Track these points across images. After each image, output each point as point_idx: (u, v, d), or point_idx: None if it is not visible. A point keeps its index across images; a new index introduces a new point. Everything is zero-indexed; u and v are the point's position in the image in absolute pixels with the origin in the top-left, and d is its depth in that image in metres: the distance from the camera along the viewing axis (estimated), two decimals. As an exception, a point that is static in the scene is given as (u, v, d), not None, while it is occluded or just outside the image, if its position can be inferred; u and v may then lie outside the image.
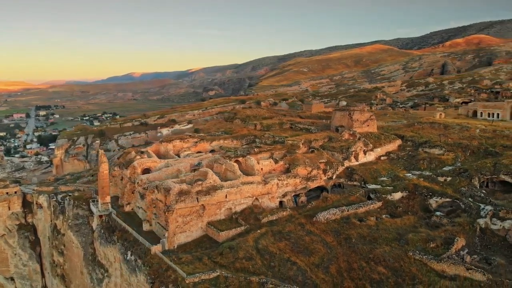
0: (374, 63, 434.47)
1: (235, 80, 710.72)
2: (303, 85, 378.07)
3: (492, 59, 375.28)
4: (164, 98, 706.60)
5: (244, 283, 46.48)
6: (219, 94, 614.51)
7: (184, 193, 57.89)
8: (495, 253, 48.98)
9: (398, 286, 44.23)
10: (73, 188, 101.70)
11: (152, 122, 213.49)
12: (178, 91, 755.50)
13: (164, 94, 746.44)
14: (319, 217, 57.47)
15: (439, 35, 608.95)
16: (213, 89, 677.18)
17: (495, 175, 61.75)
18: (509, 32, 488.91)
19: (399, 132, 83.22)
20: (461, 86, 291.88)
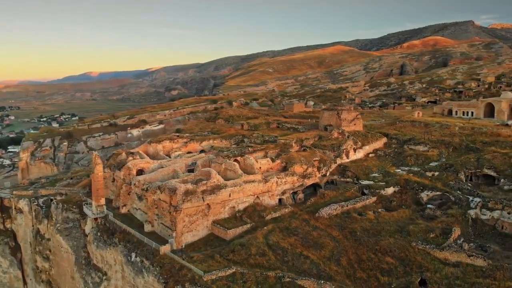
0: (336, 64, 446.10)
1: (199, 79, 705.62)
2: (270, 85, 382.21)
3: (448, 59, 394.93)
4: (124, 98, 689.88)
5: (261, 278, 47.99)
6: (183, 94, 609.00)
7: (190, 192, 58.52)
8: (487, 241, 53.17)
9: (407, 274, 47.26)
10: (55, 192, 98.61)
11: (122, 122, 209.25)
12: (139, 91, 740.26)
13: (124, 94, 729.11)
14: (321, 213, 59.86)
15: (396, 36, 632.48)
16: (176, 89, 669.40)
17: (479, 169, 66.66)
18: (462, 34, 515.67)
19: (383, 130, 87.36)
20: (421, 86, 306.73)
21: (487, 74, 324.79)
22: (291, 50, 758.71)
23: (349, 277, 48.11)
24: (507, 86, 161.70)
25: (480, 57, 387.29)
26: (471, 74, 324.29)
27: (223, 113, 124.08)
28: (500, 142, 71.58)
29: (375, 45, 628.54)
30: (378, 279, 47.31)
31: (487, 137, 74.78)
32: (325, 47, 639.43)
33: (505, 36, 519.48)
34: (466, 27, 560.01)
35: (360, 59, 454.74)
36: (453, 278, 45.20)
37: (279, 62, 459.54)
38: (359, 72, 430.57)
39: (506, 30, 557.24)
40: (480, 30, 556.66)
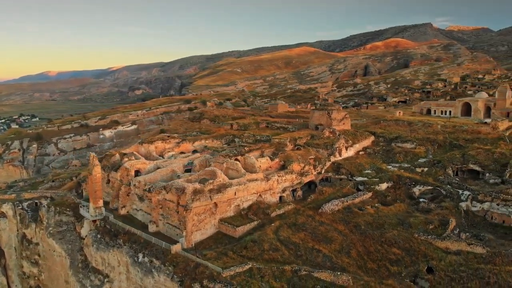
0: (303, 65, 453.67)
1: (163, 79, 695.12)
2: (239, 85, 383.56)
3: (409, 61, 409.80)
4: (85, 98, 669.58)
5: (277, 272, 49.78)
6: (147, 94, 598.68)
7: (198, 192, 59.40)
8: (480, 231, 57.42)
9: (414, 263, 50.51)
10: (39, 195, 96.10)
11: (93, 123, 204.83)
12: (101, 91, 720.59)
13: (85, 94, 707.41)
14: (324, 208, 62.35)
15: (358, 38, 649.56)
16: (139, 88, 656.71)
17: (465, 165, 71.43)
18: (421, 36, 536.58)
19: (369, 129, 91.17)
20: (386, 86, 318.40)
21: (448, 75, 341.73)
22: (257, 50, 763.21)
23: (361, 268, 50.78)
24: (472, 86, 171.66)
25: (440, 58, 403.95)
26: (432, 74, 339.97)
27: (207, 113, 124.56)
28: (481, 139, 76.93)
29: (338, 47, 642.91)
30: (388, 269, 50.26)
31: (468, 134, 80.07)
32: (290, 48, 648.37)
33: (462, 38, 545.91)
34: (425, 29, 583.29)
35: (325, 60, 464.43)
36: (457, 265, 48.83)
37: (247, 62, 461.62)
38: (325, 73, 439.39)
39: (462, 32, 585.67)
40: (438, 32, 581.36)
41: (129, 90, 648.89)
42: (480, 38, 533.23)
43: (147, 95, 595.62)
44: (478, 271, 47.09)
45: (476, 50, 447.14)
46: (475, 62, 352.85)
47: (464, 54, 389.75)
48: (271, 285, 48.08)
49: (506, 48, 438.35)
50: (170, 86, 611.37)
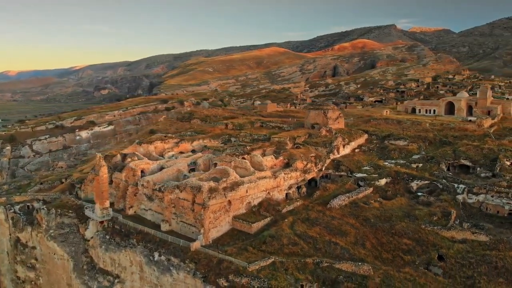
0: (274, 65, 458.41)
1: (130, 78, 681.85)
2: (212, 85, 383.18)
3: (375, 61, 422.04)
4: (49, 98, 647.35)
5: (300, 265, 52.15)
6: (113, 93, 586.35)
7: (214, 190, 60.78)
8: (478, 221, 61.83)
9: (425, 252, 54.15)
10: (30, 198, 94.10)
11: (69, 124, 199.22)
12: (65, 91, 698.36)
13: (48, 94, 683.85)
14: (333, 204, 65.23)
15: (325, 39, 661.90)
16: (105, 88, 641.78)
17: (456, 160, 76.31)
18: (386, 37, 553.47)
19: (360, 128, 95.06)
20: (356, 86, 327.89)
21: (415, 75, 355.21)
22: (225, 50, 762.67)
23: (377, 258, 53.90)
24: (443, 86, 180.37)
25: (405, 59, 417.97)
26: (400, 74, 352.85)
27: (197, 113, 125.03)
28: (468, 136, 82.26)
29: (306, 47, 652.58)
30: (402, 258, 53.64)
31: (456, 131, 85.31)
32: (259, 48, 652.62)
33: (424, 39, 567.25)
34: (389, 30, 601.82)
35: (295, 60, 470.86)
36: (464, 252, 52.85)
37: (219, 62, 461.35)
38: (295, 73, 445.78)
39: (424, 34, 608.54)
40: (402, 34, 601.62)
41: (94, 89, 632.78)
42: (442, 39, 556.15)
43: (114, 94, 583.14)
44: (485, 257, 51.26)
45: (439, 51, 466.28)
46: (440, 63, 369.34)
47: (428, 55, 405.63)
48: (296, 277, 50.36)
49: (467, 49, 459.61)
50: (137, 86, 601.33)
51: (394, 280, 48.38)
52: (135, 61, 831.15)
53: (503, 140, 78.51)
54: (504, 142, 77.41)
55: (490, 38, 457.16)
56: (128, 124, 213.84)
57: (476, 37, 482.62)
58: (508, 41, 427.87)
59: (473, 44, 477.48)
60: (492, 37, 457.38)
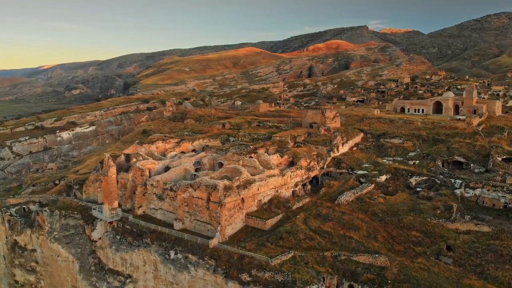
0: (250, 65, 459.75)
1: (102, 77, 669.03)
2: (189, 84, 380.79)
3: (349, 62, 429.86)
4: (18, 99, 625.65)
5: (319, 258, 54.44)
6: (85, 93, 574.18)
7: (228, 188, 62.19)
8: (476, 213, 65.80)
9: (433, 243, 57.40)
10: (25, 200, 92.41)
11: (49, 125, 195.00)
12: (34, 91, 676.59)
13: (17, 94, 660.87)
14: (340, 200, 67.78)
15: (299, 39, 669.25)
16: (77, 88, 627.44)
17: (450, 157, 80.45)
18: (358, 38, 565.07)
19: (355, 127, 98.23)
20: (333, 87, 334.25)
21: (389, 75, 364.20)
22: (200, 49, 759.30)
23: (390, 250, 56.74)
24: (421, 86, 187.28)
25: (378, 59, 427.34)
26: (374, 75, 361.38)
27: (191, 113, 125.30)
28: (459, 134, 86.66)
29: (280, 47, 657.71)
30: (413, 249, 56.73)
31: (447, 130, 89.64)
32: (233, 48, 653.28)
33: (395, 40, 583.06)
34: (361, 31, 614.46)
35: (271, 60, 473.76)
36: (470, 242, 56.42)
37: (195, 61, 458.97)
38: (272, 73, 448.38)
39: (395, 35, 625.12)
40: (373, 35, 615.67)
41: (65, 89, 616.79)
42: (412, 40, 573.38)
43: (85, 94, 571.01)
44: (490, 246, 54.93)
45: (409, 52, 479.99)
46: (412, 63, 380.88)
47: (400, 56, 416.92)
48: (317, 270, 52.57)
49: (437, 50, 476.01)
50: (110, 85, 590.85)
51: (410, 270, 51.30)
52: (106, 60, 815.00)
53: (492, 137, 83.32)
54: (493, 140, 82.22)
55: (458, 39, 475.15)
56: (109, 125, 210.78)
57: (445, 38, 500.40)
58: (476, 42, 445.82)
59: (442, 45, 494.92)
60: (460, 38, 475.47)
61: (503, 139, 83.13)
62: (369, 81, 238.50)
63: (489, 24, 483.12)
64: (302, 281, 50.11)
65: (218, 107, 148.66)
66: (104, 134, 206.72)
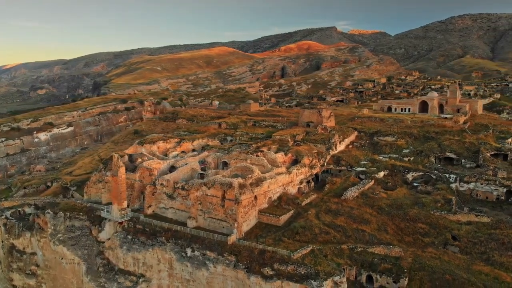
0: (224, 65, 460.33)
1: (68, 77, 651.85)
2: (163, 83, 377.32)
3: (320, 63, 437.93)
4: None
5: (336, 251, 57.11)
6: (52, 93, 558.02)
7: (243, 186, 63.86)
8: (472, 206, 70.41)
9: (439, 234, 61.25)
10: (20, 203, 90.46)
11: (25, 126, 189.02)
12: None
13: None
14: (346, 196, 70.82)
15: (270, 39, 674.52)
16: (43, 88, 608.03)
17: (442, 153, 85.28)
18: (327, 39, 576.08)
19: (347, 126, 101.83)
20: (307, 87, 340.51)
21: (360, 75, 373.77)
22: (169, 48, 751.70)
23: (401, 241, 60.12)
24: (397, 86, 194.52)
25: (347, 60, 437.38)
26: (346, 75, 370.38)
27: (182, 113, 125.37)
28: (448, 132, 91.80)
29: (251, 47, 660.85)
30: (422, 240, 60.34)
31: (436, 128, 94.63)
32: (204, 47, 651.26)
33: (362, 41, 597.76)
34: (330, 32, 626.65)
35: (245, 60, 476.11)
36: (473, 232, 60.65)
37: (167, 60, 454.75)
38: (246, 73, 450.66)
39: (362, 36, 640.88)
40: (342, 36, 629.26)
41: (30, 89, 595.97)
42: (379, 41, 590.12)
43: (52, 94, 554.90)
44: (492, 235, 59.31)
45: (377, 52, 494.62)
46: (382, 64, 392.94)
47: (368, 57, 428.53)
48: (336, 262, 55.15)
49: (403, 51, 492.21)
50: (77, 85, 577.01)
51: (423, 259, 54.77)
52: (72, 59, 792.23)
53: (479, 134, 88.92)
54: (480, 136, 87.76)
55: (424, 41, 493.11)
56: (88, 125, 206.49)
57: (411, 40, 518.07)
58: (441, 44, 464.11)
59: (408, 46, 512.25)
60: (426, 39, 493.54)
61: (489, 136, 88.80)
62: (346, 81, 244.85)
63: (453, 26, 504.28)
64: (325, 272, 52.50)
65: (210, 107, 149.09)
66: (82, 135, 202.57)
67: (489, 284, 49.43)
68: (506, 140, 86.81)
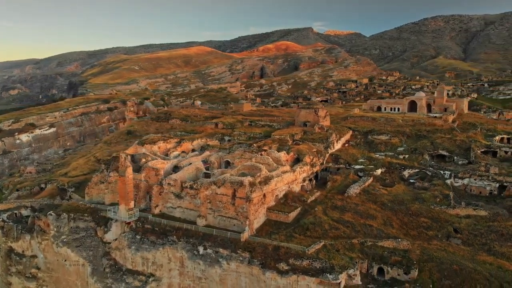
0: (202, 64, 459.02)
1: (41, 77, 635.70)
2: (141, 83, 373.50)
3: (298, 63, 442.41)
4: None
5: (348, 245, 59.34)
6: (24, 93, 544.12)
7: (253, 184, 65.25)
8: (468, 200, 74.04)
9: (441, 227, 64.32)
10: (16, 205, 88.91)
11: (6, 127, 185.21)
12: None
13: None
14: (349, 193, 73.19)
15: (247, 39, 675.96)
16: (15, 88, 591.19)
17: (435, 151, 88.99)
18: (304, 39, 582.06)
19: (342, 125, 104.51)
20: (288, 87, 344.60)
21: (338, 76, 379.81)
22: (145, 47, 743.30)
23: (406, 235, 62.83)
24: (379, 86, 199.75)
25: (325, 60, 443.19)
26: (325, 76, 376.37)
27: (175, 113, 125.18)
28: (439, 130, 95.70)
29: (228, 47, 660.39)
30: (426, 233, 63.25)
31: (427, 126, 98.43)
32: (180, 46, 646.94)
33: (338, 42, 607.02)
34: (307, 33, 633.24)
35: (223, 60, 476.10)
36: (473, 225, 64.04)
37: (144, 59, 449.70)
38: (225, 73, 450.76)
39: (338, 37, 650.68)
40: (318, 36, 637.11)
41: (2, 90, 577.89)
42: (355, 42, 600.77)
43: (24, 95, 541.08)
44: (490, 228, 62.83)
45: (353, 53, 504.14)
46: (359, 65, 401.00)
47: (347, 58, 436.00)
48: (349, 255, 57.33)
49: (378, 51, 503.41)
50: (51, 85, 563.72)
51: (430, 251, 57.62)
52: (44, 58, 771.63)
53: (468, 132, 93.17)
54: (470, 134, 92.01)
55: (398, 42, 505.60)
56: (70, 126, 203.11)
57: (386, 41, 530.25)
58: (415, 44, 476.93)
59: (383, 47, 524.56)
60: (400, 40, 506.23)
61: (478, 134, 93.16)
62: (325, 82, 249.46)
63: (426, 27, 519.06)
64: (339, 266, 54.62)
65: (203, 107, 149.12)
66: (65, 136, 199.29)
67: (494, 273, 52.59)
68: (494, 138, 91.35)
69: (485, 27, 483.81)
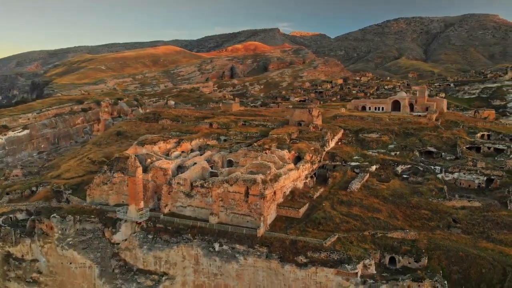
0: (171, 64, 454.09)
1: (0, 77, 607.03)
2: (109, 83, 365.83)
3: (267, 63, 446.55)
4: None
5: (360, 237, 62.76)
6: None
7: (265, 181, 67.38)
8: (460, 193, 79.31)
9: (441, 218, 68.90)
10: (11, 209, 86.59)
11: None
12: None
13: None
14: (352, 188, 76.80)
15: (214, 39, 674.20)
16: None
17: (424, 147, 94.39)
18: (271, 40, 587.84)
19: (333, 124, 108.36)
20: (260, 87, 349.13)
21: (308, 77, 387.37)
22: (108, 46, 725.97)
23: (411, 226, 66.90)
24: (354, 86, 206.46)
25: (293, 61, 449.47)
26: (295, 76, 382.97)
27: (165, 114, 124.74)
28: (425, 128, 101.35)
29: (195, 47, 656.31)
30: (428, 224, 67.60)
31: (413, 125, 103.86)
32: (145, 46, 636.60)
33: (304, 43, 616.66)
34: (273, 34, 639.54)
35: (192, 60, 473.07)
36: (470, 215, 69.06)
37: (111, 59, 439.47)
38: (194, 72, 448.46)
39: (304, 38, 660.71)
40: (284, 37, 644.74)
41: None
42: (320, 43, 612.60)
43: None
44: (486, 217, 68.04)
45: (319, 54, 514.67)
46: (327, 65, 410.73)
47: (315, 59, 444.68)
48: (362, 247, 60.66)
49: (343, 52, 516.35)
50: (12, 86, 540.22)
51: (435, 240, 61.92)
52: (2, 58, 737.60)
53: (453, 130, 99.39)
54: (454, 132, 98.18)
55: (362, 43, 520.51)
56: (44, 128, 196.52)
57: (351, 42, 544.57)
58: (378, 46, 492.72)
59: (348, 48, 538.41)
60: (364, 41, 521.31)
61: (461, 131, 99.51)
62: (295, 82, 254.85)
63: (389, 29, 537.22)
64: (356, 256, 57.86)
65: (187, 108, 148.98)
66: (39, 138, 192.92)
67: (497, 258, 57.47)
68: (476, 135, 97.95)
69: (445, 29, 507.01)
